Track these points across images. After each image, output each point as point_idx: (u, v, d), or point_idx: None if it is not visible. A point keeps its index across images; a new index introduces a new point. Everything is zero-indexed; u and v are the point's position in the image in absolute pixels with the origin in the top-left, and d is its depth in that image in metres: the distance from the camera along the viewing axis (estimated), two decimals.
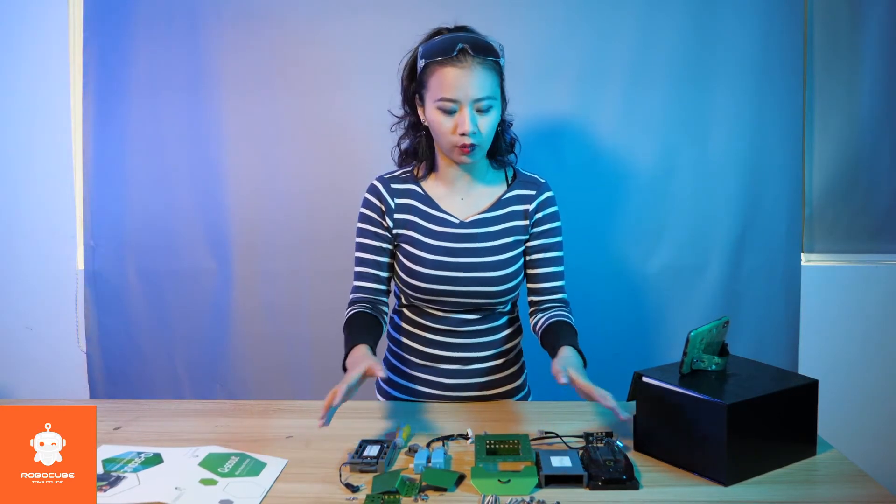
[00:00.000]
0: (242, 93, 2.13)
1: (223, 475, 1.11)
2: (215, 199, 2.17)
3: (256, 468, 1.14)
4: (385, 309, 1.51)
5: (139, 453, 1.18)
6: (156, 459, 1.16)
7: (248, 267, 2.18)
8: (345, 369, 1.33)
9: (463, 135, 1.36)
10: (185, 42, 2.13)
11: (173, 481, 1.08)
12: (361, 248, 1.50)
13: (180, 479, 1.09)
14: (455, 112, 1.36)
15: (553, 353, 1.36)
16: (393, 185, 1.50)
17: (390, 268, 1.51)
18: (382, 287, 1.51)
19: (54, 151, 2.22)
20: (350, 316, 1.46)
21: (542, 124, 2.10)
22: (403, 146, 1.53)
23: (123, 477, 1.09)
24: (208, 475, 1.10)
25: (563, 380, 1.21)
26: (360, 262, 1.50)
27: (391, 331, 1.59)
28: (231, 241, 2.18)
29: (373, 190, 1.51)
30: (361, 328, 1.41)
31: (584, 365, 1.32)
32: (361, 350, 1.32)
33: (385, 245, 1.50)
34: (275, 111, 2.14)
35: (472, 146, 1.38)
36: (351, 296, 1.51)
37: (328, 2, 2.10)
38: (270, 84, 2.13)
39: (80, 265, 2.23)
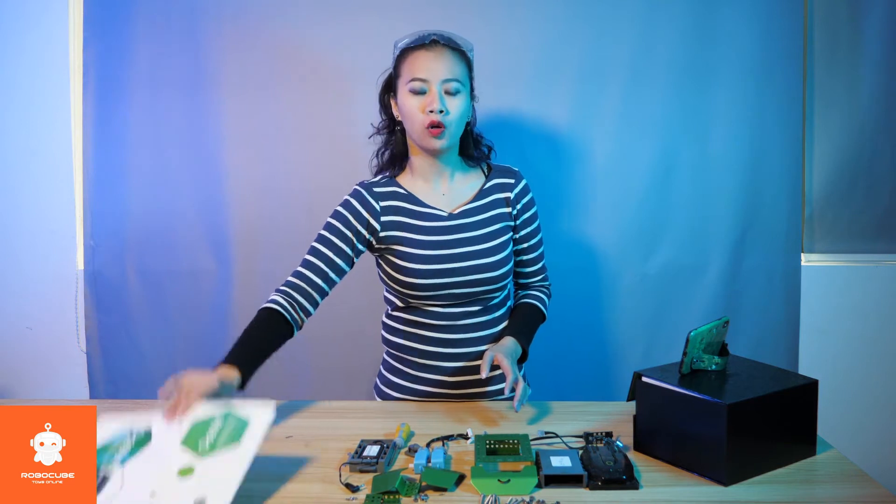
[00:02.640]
0: (242, 93, 2.13)
1: (203, 454, 1.09)
2: (215, 199, 2.16)
3: (238, 430, 1.11)
4: (309, 313, 1.46)
5: (132, 432, 1.16)
6: (146, 439, 1.14)
7: (248, 267, 2.18)
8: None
9: (431, 112, 1.40)
10: (185, 42, 2.13)
11: (151, 483, 1.05)
12: (323, 241, 1.48)
13: (159, 473, 1.07)
14: (425, 92, 1.42)
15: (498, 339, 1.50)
16: (375, 189, 1.51)
17: (337, 275, 1.48)
18: (323, 287, 1.46)
19: (54, 151, 2.21)
20: (261, 313, 1.42)
21: (541, 124, 2.09)
22: (382, 153, 1.55)
23: (108, 478, 1.08)
24: (188, 461, 1.08)
25: (483, 375, 1.33)
26: (314, 252, 1.47)
27: (387, 336, 1.58)
28: (231, 241, 2.18)
29: (356, 194, 1.50)
30: (257, 335, 1.40)
31: (524, 354, 1.47)
32: (227, 370, 1.33)
33: (347, 251, 1.48)
34: (275, 111, 2.14)
35: (441, 126, 1.41)
36: (286, 280, 1.46)
37: (328, 2, 2.10)
38: (270, 84, 2.13)
39: (80, 265, 2.22)
